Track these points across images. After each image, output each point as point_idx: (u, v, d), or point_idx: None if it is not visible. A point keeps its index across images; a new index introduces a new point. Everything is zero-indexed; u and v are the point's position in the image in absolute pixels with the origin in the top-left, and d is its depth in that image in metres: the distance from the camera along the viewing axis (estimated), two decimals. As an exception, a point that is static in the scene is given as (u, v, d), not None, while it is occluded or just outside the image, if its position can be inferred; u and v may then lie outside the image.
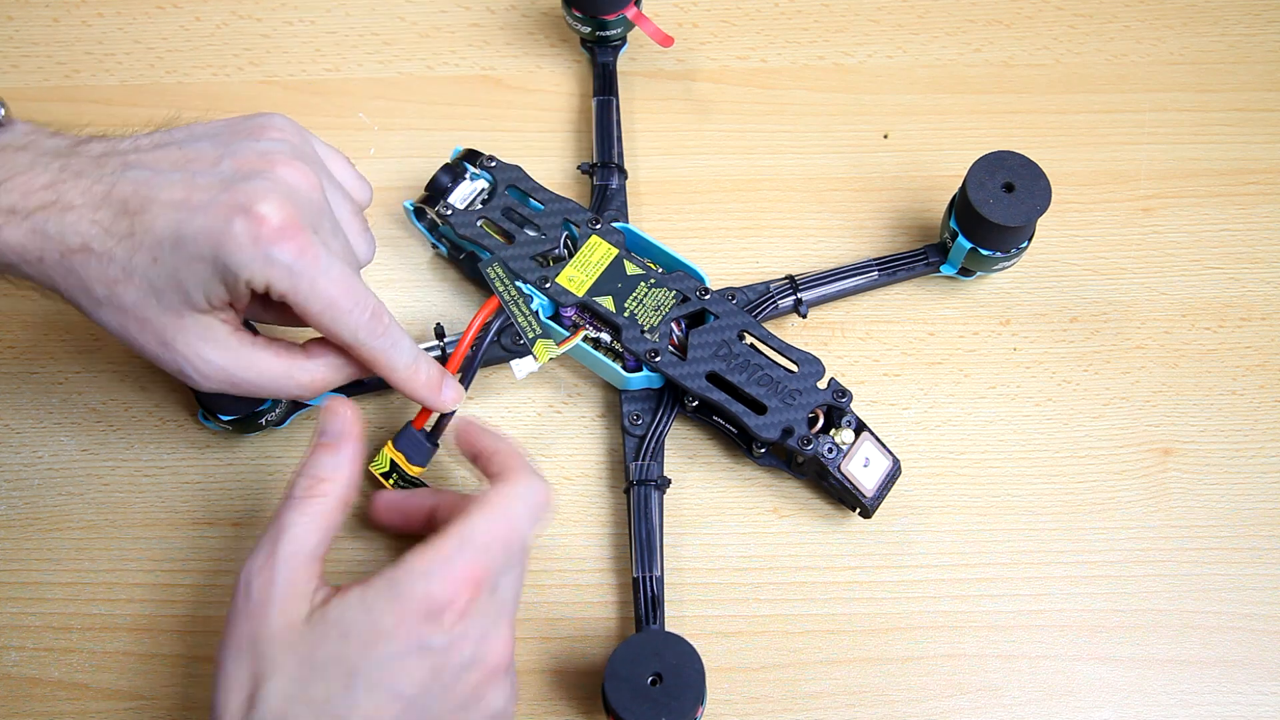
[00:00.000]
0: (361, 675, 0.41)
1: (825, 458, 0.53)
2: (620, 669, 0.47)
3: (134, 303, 0.45)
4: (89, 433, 0.58)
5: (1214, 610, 0.54)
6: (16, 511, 0.56)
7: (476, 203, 0.58)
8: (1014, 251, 0.58)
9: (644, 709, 0.46)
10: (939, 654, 0.54)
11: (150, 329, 0.45)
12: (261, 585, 0.43)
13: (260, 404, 0.53)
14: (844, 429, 0.53)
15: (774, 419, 0.53)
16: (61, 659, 0.53)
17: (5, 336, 0.60)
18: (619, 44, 0.65)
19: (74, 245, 0.44)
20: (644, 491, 0.54)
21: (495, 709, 0.45)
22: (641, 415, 0.56)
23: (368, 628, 0.42)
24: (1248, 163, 0.65)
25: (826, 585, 0.55)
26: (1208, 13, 0.69)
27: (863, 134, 0.66)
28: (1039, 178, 0.56)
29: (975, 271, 0.60)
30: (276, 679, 0.42)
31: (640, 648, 0.48)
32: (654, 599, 0.52)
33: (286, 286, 0.44)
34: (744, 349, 0.54)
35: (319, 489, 0.45)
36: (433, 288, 0.61)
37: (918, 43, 0.68)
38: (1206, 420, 0.58)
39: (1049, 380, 0.59)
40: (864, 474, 0.53)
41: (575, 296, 0.55)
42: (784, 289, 0.58)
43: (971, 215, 0.56)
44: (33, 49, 0.68)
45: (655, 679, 0.47)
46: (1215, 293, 0.61)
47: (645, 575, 0.53)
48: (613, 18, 0.62)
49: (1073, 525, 0.56)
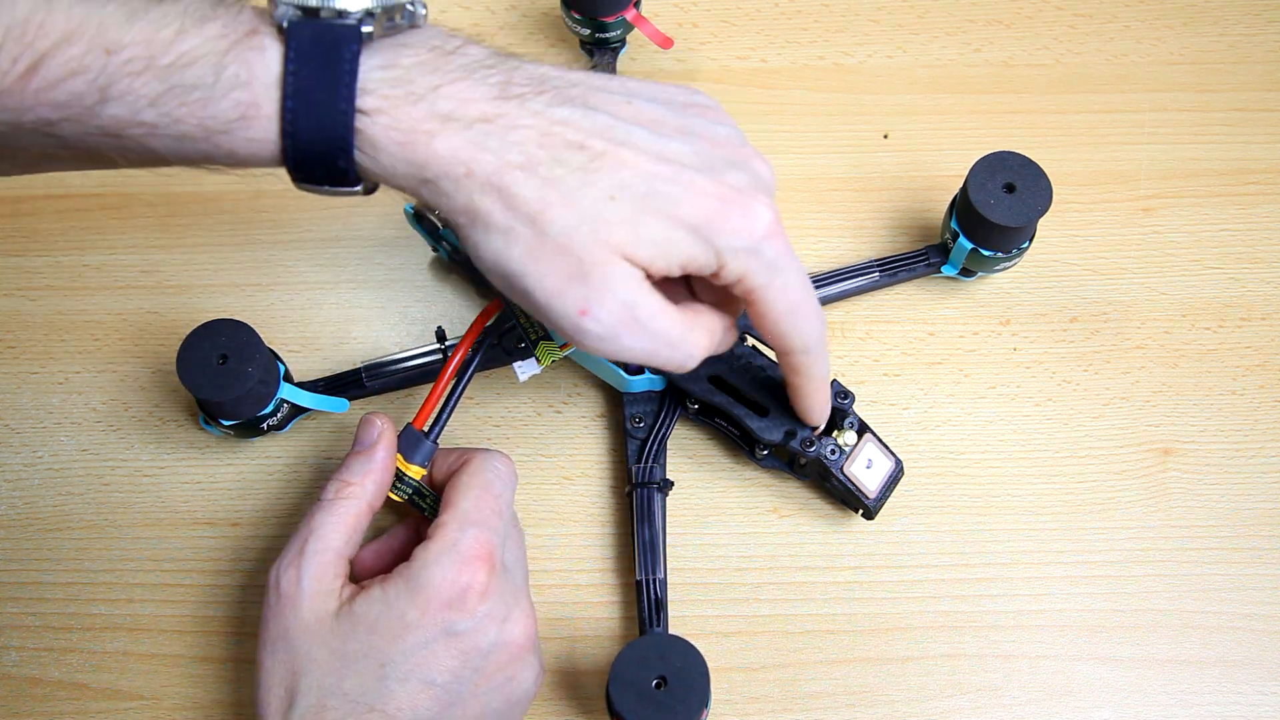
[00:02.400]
0: (392, 666, 0.43)
1: (828, 460, 0.53)
2: (625, 672, 0.47)
3: (565, 228, 0.40)
4: (89, 433, 0.58)
5: (1214, 610, 0.54)
6: (16, 511, 0.56)
7: None
8: (1015, 252, 0.58)
9: (649, 712, 0.46)
10: (939, 654, 0.54)
11: (570, 257, 0.40)
12: (290, 581, 0.45)
13: (261, 409, 0.53)
14: (846, 430, 0.53)
15: (776, 421, 0.53)
16: (61, 659, 0.53)
17: (5, 336, 0.60)
18: (619, 45, 0.65)
19: (515, 161, 0.40)
20: (646, 494, 0.54)
21: (524, 688, 0.46)
22: (643, 418, 0.56)
23: (394, 620, 0.43)
24: (1248, 163, 0.65)
25: (826, 585, 0.55)
26: (1208, 13, 0.69)
27: (863, 134, 0.66)
28: (1040, 178, 0.56)
29: (976, 272, 0.60)
30: (311, 672, 0.43)
31: (644, 651, 0.48)
32: (657, 602, 0.52)
33: (761, 281, 0.43)
34: (746, 350, 0.54)
35: (346, 491, 0.47)
36: (433, 290, 0.61)
37: (918, 43, 0.68)
38: (1206, 420, 0.58)
39: (1049, 380, 0.59)
40: (866, 475, 0.53)
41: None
42: None
43: (973, 216, 0.56)
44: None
45: (660, 682, 0.47)
46: (1215, 293, 0.61)
47: (648, 578, 0.52)
48: (612, 19, 0.62)
49: (1073, 525, 0.56)
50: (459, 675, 0.44)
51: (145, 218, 0.63)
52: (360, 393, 0.57)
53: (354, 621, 0.44)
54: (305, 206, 0.63)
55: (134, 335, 0.60)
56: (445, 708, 0.44)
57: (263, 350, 0.52)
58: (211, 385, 0.51)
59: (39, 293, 0.61)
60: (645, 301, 0.42)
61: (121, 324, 0.60)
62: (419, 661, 0.43)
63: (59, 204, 0.63)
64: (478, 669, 0.44)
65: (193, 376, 0.51)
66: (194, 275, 0.61)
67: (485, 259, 0.41)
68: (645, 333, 0.42)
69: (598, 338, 0.41)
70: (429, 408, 0.51)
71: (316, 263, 0.62)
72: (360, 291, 0.61)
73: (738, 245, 0.42)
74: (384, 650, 0.43)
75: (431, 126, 0.40)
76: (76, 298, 0.61)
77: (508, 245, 0.41)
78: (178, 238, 0.62)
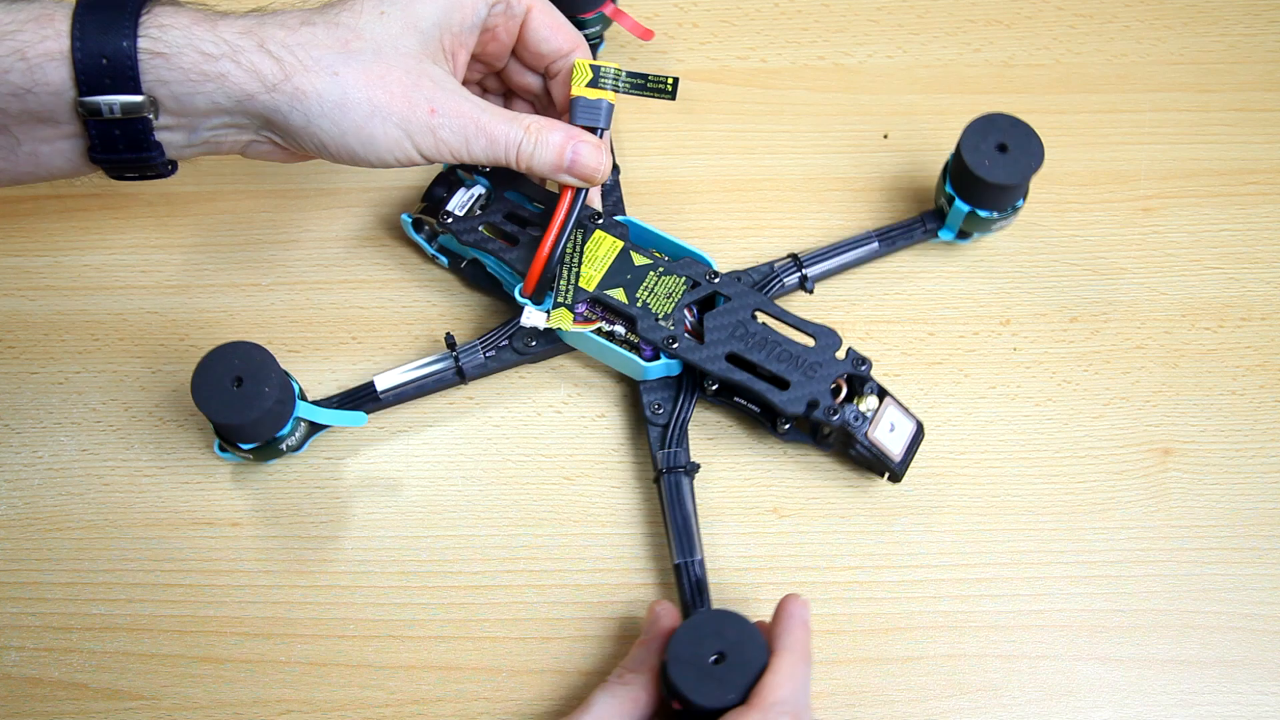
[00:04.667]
0: None
1: (852, 426, 0.53)
2: (682, 652, 0.47)
3: (380, 48, 0.49)
4: (89, 433, 0.58)
5: (1214, 610, 0.54)
6: (16, 511, 0.56)
7: (475, 209, 0.58)
8: (1010, 210, 0.58)
9: (710, 688, 0.46)
10: (939, 654, 0.54)
11: (401, 72, 0.49)
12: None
13: (280, 428, 0.53)
14: (867, 396, 0.54)
15: (798, 393, 0.53)
16: (61, 659, 0.53)
17: (5, 336, 0.60)
18: (597, 42, 0.65)
19: (294, 24, 0.48)
20: (674, 479, 0.54)
21: None
22: (662, 404, 0.56)
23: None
24: (1248, 163, 0.65)
25: (826, 585, 0.55)
26: (1208, 13, 0.69)
27: (863, 134, 0.66)
28: (1030, 136, 0.57)
29: (972, 234, 0.60)
30: None
31: (699, 629, 0.47)
32: (698, 583, 0.52)
33: None
34: (760, 328, 0.55)
35: (625, 678, 0.48)
36: (434, 290, 0.61)
37: (918, 43, 0.68)
38: (1206, 420, 0.58)
39: (1049, 380, 0.59)
40: (890, 439, 0.53)
41: (586, 292, 0.55)
42: (788, 267, 0.59)
43: (968, 177, 0.57)
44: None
45: (718, 657, 0.47)
46: (1215, 293, 0.61)
47: (687, 560, 0.53)
48: (590, 16, 0.62)
49: (1073, 525, 0.56)
50: None
51: (145, 218, 0.63)
52: (375, 406, 0.57)
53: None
54: (305, 206, 0.63)
55: (134, 335, 0.60)
56: None
57: (277, 369, 0.52)
58: (230, 409, 0.50)
59: (39, 293, 0.61)
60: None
61: (121, 324, 0.60)
62: None
63: (59, 204, 0.63)
64: None
65: (210, 403, 0.51)
66: (194, 275, 0.61)
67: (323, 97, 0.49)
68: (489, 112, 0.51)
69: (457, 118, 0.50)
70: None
71: (316, 263, 0.62)
72: (360, 292, 0.61)
73: None
74: None
75: (212, 34, 0.47)
76: (76, 298, 0.61)
77: (328, 85, 0.48)
78: (178, 238, 0.62)
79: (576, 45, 0.55)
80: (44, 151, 0.48)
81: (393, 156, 0.50)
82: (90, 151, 0.48)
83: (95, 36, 0.45)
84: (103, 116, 0.46)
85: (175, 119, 0.48)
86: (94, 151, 0.48)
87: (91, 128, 0.47)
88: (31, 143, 0.48)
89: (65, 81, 0.46)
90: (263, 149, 0.51)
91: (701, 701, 0.45)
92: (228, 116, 0.49)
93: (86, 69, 0.45)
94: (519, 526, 0.56)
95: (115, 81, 0.46)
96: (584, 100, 0.54)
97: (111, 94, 0.46)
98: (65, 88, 0.46)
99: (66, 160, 0.49)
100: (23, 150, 0.48)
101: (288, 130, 0.49)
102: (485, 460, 0.57)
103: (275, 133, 0.50)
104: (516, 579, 0.55)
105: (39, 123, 0.47)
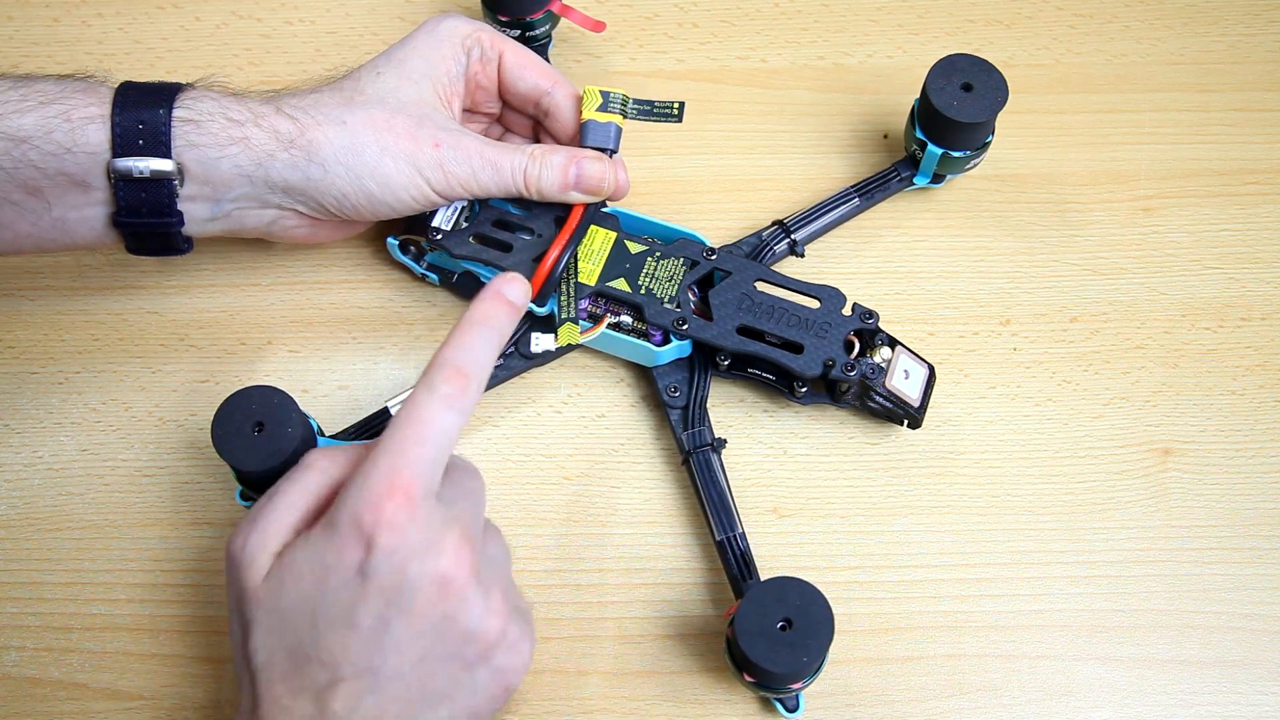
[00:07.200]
0: (320, 614, 0.41)
1: (870, 379, 0.53)
2: (749, 624, 0.47)
3: (382, 98, 0.54)
4: (89, 433, 0.58)
5: (1214, 610, 0.54)
6: (16, 511, 0.56)
7: (460, 222, 0.58)
8: (982, 147, 0.60)
9: (783, 655, 0.46)
10: (939, 654, 0.54)
11: (404, 117, 0.53)
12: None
13: None
14: (880, 347, 0.54)
15: (813, 355, 0.54)
16: (61, 659, 0.53)
17: (5, 336, 0.60)
18: (546, 42, 0.64)
19: (306, 93, 0.54)
20: (703, 457, 0.54)
21: (468, 628, 0.42)
22: (679, 386, 0.56)
23: (315, 565, 0.41)
24: (1248, 163, 0.65)
25: (826, 585, 0.54)
26: (1208, 13, 0.69)
27: (863, 134, 0.66)
28: (992, 73, 0.58)
29: (946, 176, 0.61)
30: (256, 632, 0.43)
31: (762, 599, 0.47)
32: (743, 555, 0.52)
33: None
34: (764, 296, 0.55)
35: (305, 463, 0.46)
36: (437, 297, 0.61)
37: (918, 43, 0.68)
38: (1206, 420, 0.58)
39: (1049, 380, 0.59)
40: (907, 386, 0.54)
41: (589, 287, 0.56)
42: (776, 234, 0.60)
43: (937, 119, 0.57)
44: (33, 49, 0.68)
45: (785, 624, 0.47)
46: (1215, 293, 0.61)
47: (729, 535, 0.53)
48: (538, 16, 0.62)
49: (1073, 525, 0.56)
50: (383, 618, 0.41)
51: (145, 218, 0.63)
52: None
53: (283, 573, 0.42)
54: (305, 206, 0.63)
55: (134, 335, 0.60)
56: (374, 651, 0.41)
57: (296, 409, 0.50)
58: (255, 455, 0.49)
59: (39, 293, 0.61)
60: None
61: (121, 324, 0.60)
62: (341, 608, 0.41)
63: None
64: (405, 610, 0.41)
65: (235, 452, 0.49)
66: (194, 275, 0.61)
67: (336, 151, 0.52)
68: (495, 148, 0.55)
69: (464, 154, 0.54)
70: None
71: (316, 263, 0.62)
72: (360, 292, 0.61)
73: None
74: (312, 599, 0.41)
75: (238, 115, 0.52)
76: (76, 298, 0.61)
77: (339, 134, 0.52)
78: (178, 238, 0.62)
79: (556, 81, 0.58)
80: (71, 219, 0.51)
81: (408, 194, 0.53)
82: (114, 216, 0.51)
83: (134, 105, 0.50)
84: (132, 178, 0.50)
85: (199, 187, 0.51)
86: (118, 215, 0.51)
87: (120, 190, 0.50)
88: (61, 208, 0.50)
89: (103, 143, 0.49)
90: (288, 224, 0.54)
91: (780, 669, 0.46)
92: (250, 186, 0.52)
93: (123, 131, 0.49)
94: (519, 526, 0.56)
95: (148, 144, 0.49)
96: (594, 123, 0.56)
97: (143, 155, 0.49)
98: (102, 149, 0.49)
99: (91, 229, 0.51)
100: (52, 215, 0.50)
101: (307, 187, 0.52)
102: (485, 460, 0.57)
103: (296, 198, 0.53)
104: (516, 579, 0.55)
105: (72, 185, 0.50)
